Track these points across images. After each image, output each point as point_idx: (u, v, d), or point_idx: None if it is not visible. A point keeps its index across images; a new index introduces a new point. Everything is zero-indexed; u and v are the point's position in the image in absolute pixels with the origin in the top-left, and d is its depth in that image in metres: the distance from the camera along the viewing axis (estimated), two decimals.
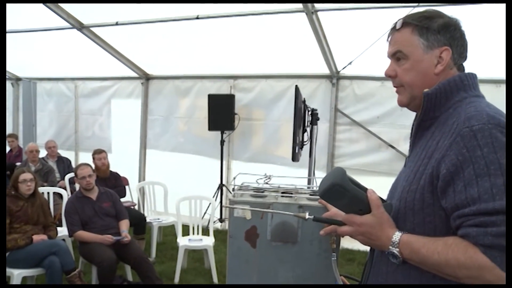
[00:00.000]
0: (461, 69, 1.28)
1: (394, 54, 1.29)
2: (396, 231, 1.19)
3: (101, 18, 5.02)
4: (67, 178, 5.79)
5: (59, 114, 7.46)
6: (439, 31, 1.23)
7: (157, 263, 4.82)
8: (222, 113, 5.74)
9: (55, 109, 7.48)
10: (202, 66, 5.90)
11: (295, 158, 3.71)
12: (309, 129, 4.03)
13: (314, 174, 4.03)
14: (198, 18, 4.58)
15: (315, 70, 5.39)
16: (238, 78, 6.03)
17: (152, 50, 5.81)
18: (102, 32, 5.38)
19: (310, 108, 4.07)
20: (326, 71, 5.36)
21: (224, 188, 5.95)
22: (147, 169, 6.81)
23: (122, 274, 4.22)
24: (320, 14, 4.24)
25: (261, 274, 2.09)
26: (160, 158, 6.60)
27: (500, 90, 4.49)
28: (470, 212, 1.05)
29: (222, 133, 5.91)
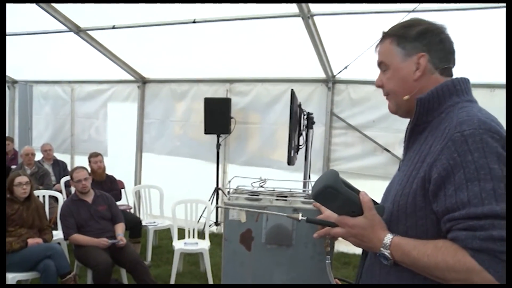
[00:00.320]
0: (445, 73, 1.29)
1: (379, 65, 1.36)
2: (387, 233, 1.20)
3: (98, 22, 5.03)
4: (63, 181, 5.78)
5: (55, 117, 7.45)
6: (416, 38, 1.27)
7: (152, 267, 4.81)
8: (218, 116, 5.75)
9: (51, 112, 7.47)
10: (198, 70, 5.92)
11: (291, 161, 3.73)
12: (304, 132, 4.04)
13: (310, 178, 4.04)
14: (195, 22, 4.60)
15: (311, 74, 5.42)
16: (234, 82, 6.05)
17: (148, 54, 5.82)
18: (99, 35, 5.39)
19: (306, 112, 4.08)
20: (322, 75, 5.38)
21: (220, 191, 5.95)
22: (143, 172, 6.81)
23: (117, 278, 4.21)
24: (316, 19, 4.27)
25: (256, 277, 2.10)
26: (156, 162, 6.60)
27: (494, 95, 4.53)
28: (459, 216, 1.06)
29: (218, 136, 5.92)
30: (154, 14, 4.65)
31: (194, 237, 4.70)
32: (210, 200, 5.72)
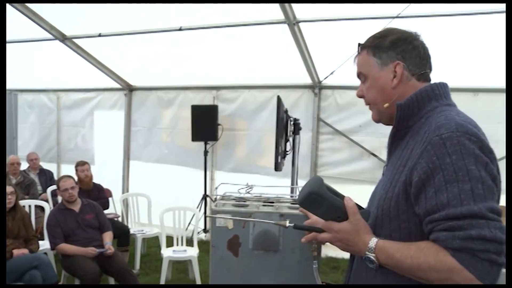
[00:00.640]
0: (422, 78, 1.32)
1: (358, 76, 1.40)
2: (372, 237, 1.22)
3: (84, 30, 5.01)
4: (49, 190, 5.71)
5: (41, 126, 7.37)
6: (390, 48, 1.31)
7: (141, 275, 4.78)
8: (205, 123, 5.75)
9: (37, 121, 7.40)
10: (185, 77, 5.92)
11: (278, 167, 3.74)
12: (291, 138, 4.06)
13: (297, 183, 4.06)
14: (181, 29, 4.61)
15: (298, 80, 5.45)
16: (221, 89, 6.06)
17: (135, 62, 5.80)
18: (85, 43, 5.36)
19: (293, 118, 4.11)
20: (308, 81, 5.41)
21: (208, 198, 5.94)
22: (131, 180, 6.77)
23: None
24: (301, 25, 4.30)
25: (243, 282, 2.10)
26: (143, 170, 6.57)
27: (477, 99, 4.60)
28: (439, 217, 1.09)
29: (206, 143, 5.92)
30: (140, 22, 4.64)
31: (182, 244, 4.68)
32: (198, 207, 5.70)
